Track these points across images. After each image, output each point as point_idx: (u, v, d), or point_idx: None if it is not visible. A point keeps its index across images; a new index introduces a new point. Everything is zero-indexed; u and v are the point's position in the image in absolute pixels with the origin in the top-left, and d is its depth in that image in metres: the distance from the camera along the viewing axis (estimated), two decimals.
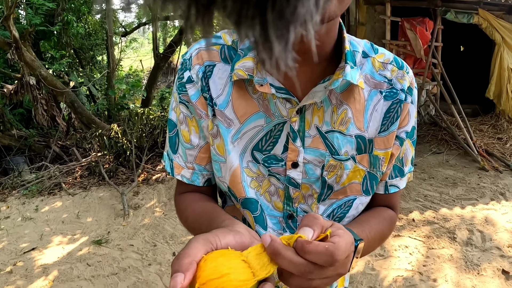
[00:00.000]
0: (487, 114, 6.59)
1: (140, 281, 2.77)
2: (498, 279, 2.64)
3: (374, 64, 0.71)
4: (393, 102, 0.70)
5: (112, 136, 4.62)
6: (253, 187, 0.73)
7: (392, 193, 0.78)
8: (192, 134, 0.73)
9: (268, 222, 0.75)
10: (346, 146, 0.70)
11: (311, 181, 0.72)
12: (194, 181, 0.75)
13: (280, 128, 0.69)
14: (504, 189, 4.05)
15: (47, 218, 3.93)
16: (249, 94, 0.69)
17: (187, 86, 0.71)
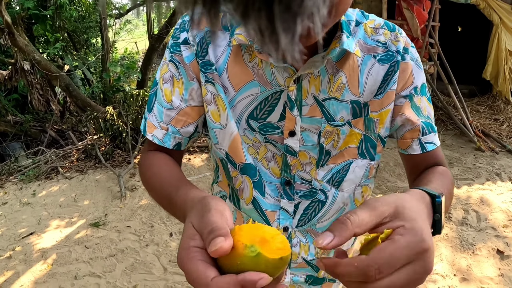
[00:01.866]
0: (484, 95, 6.58)
1: (138, 262, 2.80)
2: (493, 258, 2.67)
3: (366, 29, 0.71)
4: (390, 64, 0.70)
5: (107, 119, 4.60)
6: (250, 154, 0.74)
7: (431, 151, 0.74)
8: (175, 95, 0.72)
9: (266, 189, 0.77)
10: (341, 112, 0.71)
11: (308, 148, 0.73)
12: (165, 143, 0.74)
13: (277, 97, 0.69)
14: (500, 170, 4.07)
15: (44, 202, 3.94)
16: (244, 62, 0.69)
17: (182, 47, 0.70)
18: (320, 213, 0.80)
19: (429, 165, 0.75)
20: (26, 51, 5.28)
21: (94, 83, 7.01)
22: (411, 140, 0.74)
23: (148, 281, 2.59)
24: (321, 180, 0.76)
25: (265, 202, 0.78)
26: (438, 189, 0.57)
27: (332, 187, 0.77)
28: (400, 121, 0.73)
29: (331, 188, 0.77)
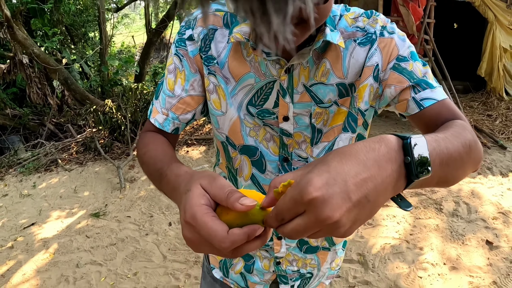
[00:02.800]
0: (478, 91, 6.67)
1: (138, 250, 2.87)
2: (482, 249, 2.75)
3: (347, 20, 0.77)
4: (371, 45, 0.75)
5: (106, 112, 4.65)
6: (252, 136, 0.82)
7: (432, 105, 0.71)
8: (177, 84, 0.80)
9: (267, 166, 0.84)
10: (328, 95, 0.77)
11: (302, 129, 0.80)
12: (165, 127, 0.81)
13: (271, 86, 0.77)
14: (491, 164, 4.16)
15: (45, 194, 4.00)
16: (243, 57, 0.76)
17: (187, 43, 0.78)
18: None
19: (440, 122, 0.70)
20: (25, 44, 5.31)
21: (92, 76, 7.05)
22: (406, 101, 0.74)
23: (148, 268, 2.67)
24: (315, 157, 0.83)
25: (265, 178, 0.86)
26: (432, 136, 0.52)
27: None
28: (390, 92, 0.75)
29: None
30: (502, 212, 3.20)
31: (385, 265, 2.58)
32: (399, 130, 5.38)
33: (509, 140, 4.89)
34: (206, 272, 1.11)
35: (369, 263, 2.60)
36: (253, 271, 1.00)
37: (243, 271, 1.01)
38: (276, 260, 0.96)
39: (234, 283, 1.04)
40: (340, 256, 1.06)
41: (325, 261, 1.01)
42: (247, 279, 1.01)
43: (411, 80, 0.73)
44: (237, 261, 1.01)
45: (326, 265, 1.02)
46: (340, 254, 1.06)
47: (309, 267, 0.99)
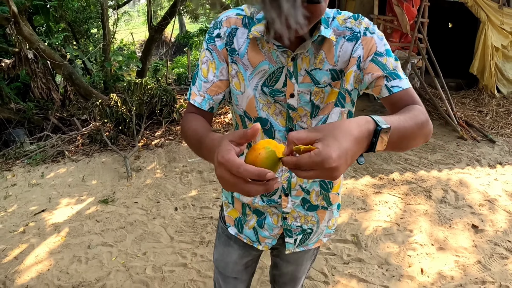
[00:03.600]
0: (470, 89, 6.87)
1: (146, 233, 3.05)
2: (468, 232, 2.93)
3: (338, 21, 0.99)
4: (356, 41, 0.97)
5: (112, 105, 4.82)
6: (264, 110, 1.04)
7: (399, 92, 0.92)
8: (209, 72, 1.02)
9: (276, 134, 1.06)
10: (324, 77, 0.99)
11: (304, 104, 1.02)
12: (202, 106, 1.02)
13: (280, 71, 0.99)
14: (480, 157, 4.36)
15: (53, 183, 4.16)
16: (259, 49, 0.98)
17: (216, 39, 1.01)
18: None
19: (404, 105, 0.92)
20: (31, 40, 5.45)
21: (94, 72, 7.19)
22: (380, 87, 0.94)
23: (156, 248, 2.85)
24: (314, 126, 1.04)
25: None
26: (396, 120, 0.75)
27: None
28: (368, 79, 0.96)
29: None
30: (488, 199, 3.39)
31: (377, 245, 2.77)
32: None
33: (498, 134, 5.09)
34: (221, 233, 1.32)
35: (362, 243, 2.79)
36: (264, 225, 1.19)
37: (255, 226, 1.21)
38: (283, 215, 1.16)
39: (247, 238, 1.24)
40: (335, 216, 1.27)
41: (323, 219, 1.21)
42: (259, 233, 1.21)
43: (385, 71, 0.94)
44: (251, 217, 1.21)
45: (324, 223, 1.23)
46: (335, 215, 1.26)
47: (310, 223, 1.20)
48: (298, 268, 1.33)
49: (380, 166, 4.14)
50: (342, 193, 3.59)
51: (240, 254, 1.28)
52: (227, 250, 1.29)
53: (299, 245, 1.23)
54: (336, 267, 2.54)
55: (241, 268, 1.32)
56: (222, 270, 1.33)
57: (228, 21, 1.00)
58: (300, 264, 1.32)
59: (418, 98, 0.93)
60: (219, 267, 1.34)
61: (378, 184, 3.74)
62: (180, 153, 4.74)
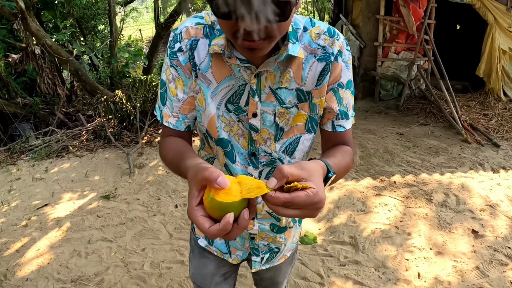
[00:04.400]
0: (477, 91, 6.80)
1: (146, 229, 3.09)
2: (467, 237, 2.91)
3: (311, 35, 0.92)
4: (326, 63, 0.92)
5: (116, 102, 4.86)
6: (226, 131, 0.97)
7: (341, 132, 0.99)
8: (178, 90, 0.96)
9: (237, 157, 1.00)
10: (289, 97, 0.93)
11: (267, 126, 0.96)
12: (178, 127, 0.98)
13: (243, 88, 0.92)
14: (483, 161, 4.31)
15: (57, 177, 4.21)
16: (224, 62, 0.91)
17: (178, 54, 0.93)
18: None
19: (338, 143, 1.00)
20: (38, 35, 5.51)
21: (101, 68, 7.24)
22: (327, 120, 0.98)
23: (155, 245, 2.88)
24: (278, 151, 0.99)
25: (235, 167, 1.01)
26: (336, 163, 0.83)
27: (287, 156, 1.01)
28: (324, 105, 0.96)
29: (286, 157, 1.01)
30: (490, 204, 3.36)
31: (374, 247, 2.77)
32: (396, 126, 5.55)
33: (503, 138, 5.04)
34: (194, 245, 1.25)
35: (360, 245, 2.79)
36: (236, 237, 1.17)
37: None
38: (250, 235, 1.13)
39: (217, 250, 1.20)
40: (298, 230, 1.25)
41: (290, 237, 1.20)
42: (230, 244, 1.18)
43: (339, 105, 0.97)
44: None
45: (290, 240, 1.21)
46: (298, 229, 1.25)
47: (278, 243, 1.18)
48: (277, 273, 1.30)
49: (382, 168, 4.13)
50: (342, 194, 3.59)
51: (217, 264, 1.22)
52: (203, 262, 1.23)
53: (265, 263, 1.21)
54: (333, 269, 2.55)
55: (220, 279, 1.25)
56: (201, 284, 1.26)
57: (187, 32, 0.91)
58: (279, 270, 1.28)
59: (351, 137, 1.03)
60: (197, 281, 1.27)
61: (379, 186, 3.73)
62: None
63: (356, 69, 6.87)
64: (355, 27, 6.87)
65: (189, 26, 0.92)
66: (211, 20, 0.92)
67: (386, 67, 6.55)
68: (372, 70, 6.55)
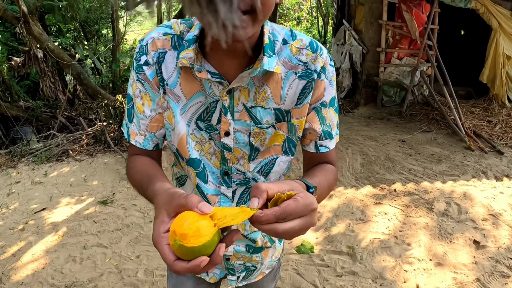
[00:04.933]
0: (481, 98, 6.75)
1: (141, 236, 3.06)
2: (468, 247, 2.85)
3: (291, 49, 0.85)
4: (308, 81, 0.86)
5: (117, 106, 4.86)
6: (197, 150, 0.91)
7: (325, 152, 0.94)
8: (145, 107, 0.89)
9: (209, 177, 0.94)
10: (266, 117, 0.87)
11: (240, 145, 0.90)
12: (145, 146, 0.91)
13: (214, 105, 0.85)
14: (486, 168, 4.26)
15: (55, 182, 4.20)
16: (193, 76, 0.84)
17: (144, 68, 0.85)
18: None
19: (321, 162, 0.95)
20: (40, 39, 5.53)
21: (103, 72, 7.26)
22: (309, 141, 0.93)
23: (150, 252, 2.84)
24: (252, 171, 0.93)
25: (207, 188, 0.95)
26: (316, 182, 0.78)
27: (261, 176, 0.95)
28: (305, 126, 0.91)
29: (260, 177, 0.95)
30: (492, 214, 3.31)
31: (372, 258, 2.72)
32: (399, 133, 5.50)
33: (507, 145, 4.98)
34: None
35: (358, 255, 2.74)
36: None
37: None
38: (225, 257, 1.08)
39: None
40: (278, 249, 1.19)
41: (267, 256, 1.14)
42: None
43: (322, 125, 0.91)
44: None
45: (268, 259, 1.15)
46: (278, 248, 1.19)
47: (254, 262, 1.12)
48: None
49: (383, 176, 4.08)
50: (341, 202, 3.54)
51: (195, 282, 1.15)
52: (180, 280, 1.17)
53: (242, 280, 1.15)
54: (329, 280, 2.50)
55: None
56: None
57: (154, 43, 0.84)
58: (261, 286, 1.23)
59: (335, 157, 0.97)
60: None
61: (379, 194, 3.68)
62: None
63: (359, 75, 6.83)
64: (358, 32, 6.84)
65: (156, 37, 0.85)
66: (180, 29, 0.85)
67: (388, 72, 6.51)
68: (374, 76, 6.51)
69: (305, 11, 18.17)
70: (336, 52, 8.01)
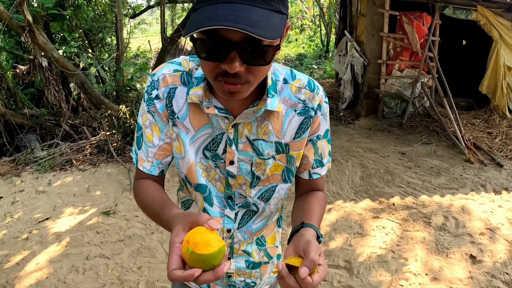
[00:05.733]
0: (481, 109, 6.76)
1: (143, 247, 3.11)
2: (464, 262, 2.88)
3: (291, 89, 0.96)
4: (305, 117, 0.96)
5: (120, 117, 4.93)
6: (203, 176, 1.00)
7: (316, 178, 1.06)
8: (154, 136, 0.97)
9: (214, 201, 1.02)
10: (268, 149, 0.97)
11: (243, 173, 0.99)
12: (152, 172, 1.00)
13: (220, 137, 0.95)
14: (485, 181, 4.29)
15: (59, 191, 4.26)
16: (201, 111, 0.93)
17: (155, 101, 0.94)
18: (253, 219, 1.09)
19: (313, 189, 1.07)
20: (45, 48, 5.61)
21: (107, 81, 7.34)
22: (303, 170, 1.05)
23: (151, 263, 2.90)
24: (253, 196, 1.02)
25: (213, 210, 1.04)
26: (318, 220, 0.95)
27: (261, 202, 1.04)
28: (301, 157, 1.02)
29: (260, 202, 1.04)
30: (490, 228, 3.34)
31: (369, 272, 2.76)
32: (399, 145, 5.54)
33: (507, 158, 5.01)
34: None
35: (354, 270, 2.79)
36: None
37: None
38: (227, 274, 1.15)
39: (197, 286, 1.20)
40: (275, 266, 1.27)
41: (266, 272, 1.22)
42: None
43: (315, 155, 1.03)
44: None
45: (267, 275, 1.23)
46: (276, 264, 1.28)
47: (253, 277, 1.20)
48: None
49: (382, 189, 4.12)
50: (340, 216, 3.59)
51: None
52: None
53: None
54: None
55: None
56: None
57: (165, 80, 0.93)
58: None
59: (323, 182, 1.10)
60: None
61: (377, 208, 3.72)
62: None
63: (360, 86, 6.88)
64: (359, 43, 6.90)
65: (167, 74, 0.93)
66: (189, 67, 0.94)
67: (389, 84, 6.56)
68: (375, 88, 6.56)
69: (308, 19, 18.28)
70: (338, 62, 8.07)
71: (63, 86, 6.56)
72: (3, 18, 5.28)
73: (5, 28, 6.14)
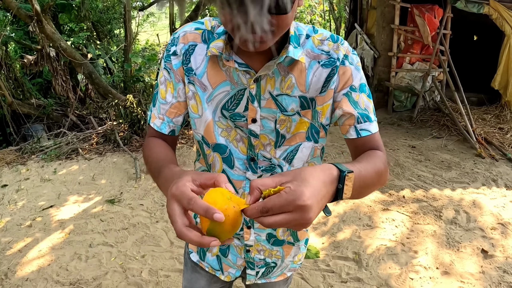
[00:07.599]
0: (493, 104, 6.66)
1: (147, 236, 3.07)
2: (476, 257, 2.80)
3: (314, 41, 0.90)
4: (332, 69, 0.89)
5: (127, 106, 4.89)
6: (223, 136, 0.95)
7: (366, 136, 0.91)
8: (168, 93, 0.95)
9: (235, 163, 0.97)
10: (292, 105, 0.90)
11: (267, 132, 0.93)
12: (162, 129, 0.96)
13: (242, 93, 0.90)
14: (497, 176, 4.19)
15: (64, 179, 4.24)
16: (219, 67, 0.89)
17: (172, 58, 0.93)
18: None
19: (367, 149, 0.92)
20: (53, 38, 5.60)
21: (115, 72, 7.32)
22: (348, 127, 0.92)
23: (155, 252, 2.85)
24: (278, 157, 0.96)
25: (233, 173, 0.98)
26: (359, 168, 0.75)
27: (286, 163, 0.97)
28: (339, 113, 0.91)
29: (285, 164, 0.97)
30: (501, 223, 3.26)
31: (378, 265, 2.69)
32: (409, 138, 5.45)
33: None
34: (187, 258, 1.21)
35: (363, 262, 2.72)
36: (228, 254, 1.12)
37: (219, 253, 1.13)
38: (246, 248, 1.08)
39: (209, 267, 1.15)
40: (302, 252, 1.19)
41: (288, 254, 1.14)
42: (222, 261, 1.14)
43: (356, 109, 0.90)
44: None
45: (289, 258, 1.15)
46: (302, 250, 1.18)
47: (274, 257, 1.12)
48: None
49: (391, 182, 4.04)
50: (349, 208, 3.52)
51: (209, 280, 1.18)
52: (195, 277, 1.20)
53: (261, 277, 1.16)
54: (333, 285, 2.48)
55: None
56: None
57: (185, 37, 0.92)
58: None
59: (381, 143, 0.94)
60: None
61: (387, 200, 3.64)
62: (191, 157, 4.75)
63: (370, 79, 6.78)
64: (369, 36, 6.80)
65: (188, 31, 0.92)
66: (212, 25, 0.91)
67: (400, 77, 6.45)
68: (386, 81, 6.46)
69: (317, 14, 18.14)
70: None
71: (71, 76, 6.56)
72: (11, 7, 5.27)
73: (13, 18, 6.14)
